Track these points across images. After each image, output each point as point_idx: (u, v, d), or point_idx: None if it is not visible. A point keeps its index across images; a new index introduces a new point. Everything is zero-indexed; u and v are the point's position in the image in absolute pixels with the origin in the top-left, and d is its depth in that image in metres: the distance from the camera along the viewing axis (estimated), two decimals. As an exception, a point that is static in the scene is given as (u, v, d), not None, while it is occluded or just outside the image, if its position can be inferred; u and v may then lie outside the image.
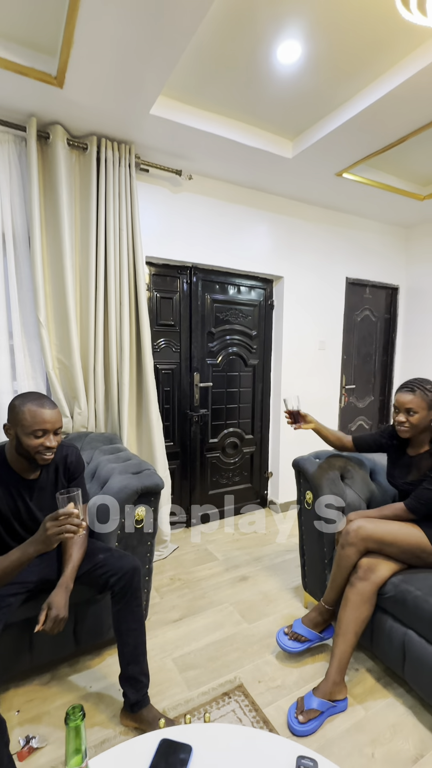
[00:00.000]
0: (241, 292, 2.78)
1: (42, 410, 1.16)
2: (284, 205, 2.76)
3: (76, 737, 0.57)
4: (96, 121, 1.87)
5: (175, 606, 1.88)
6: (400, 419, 1.51)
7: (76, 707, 0.58)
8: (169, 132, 1.94)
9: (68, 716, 0.57)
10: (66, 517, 1.00)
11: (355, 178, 2.42)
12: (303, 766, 0.79)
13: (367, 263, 3.23)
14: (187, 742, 0.82)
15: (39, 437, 1.15)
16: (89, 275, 1.99)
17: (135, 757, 0.80)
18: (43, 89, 1.63)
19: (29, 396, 1.19)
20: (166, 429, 2.52)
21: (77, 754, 0.58)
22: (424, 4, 1.02)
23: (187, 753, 0.80)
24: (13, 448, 1.20)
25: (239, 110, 1.93)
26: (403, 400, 1.49)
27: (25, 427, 1.14)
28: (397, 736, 1.26)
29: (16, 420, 1.15)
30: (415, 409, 1.47)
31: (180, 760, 0.78)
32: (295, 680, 1.46)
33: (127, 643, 1.24)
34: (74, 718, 0.57)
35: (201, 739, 0.83)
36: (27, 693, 1.37)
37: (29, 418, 1.14)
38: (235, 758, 0.80)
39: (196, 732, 0.85)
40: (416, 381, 1.51)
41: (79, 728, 0.57)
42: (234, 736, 0.85)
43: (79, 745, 0.58)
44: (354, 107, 1.80)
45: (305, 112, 1.93)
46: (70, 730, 0.57)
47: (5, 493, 1.21)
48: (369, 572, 1.40)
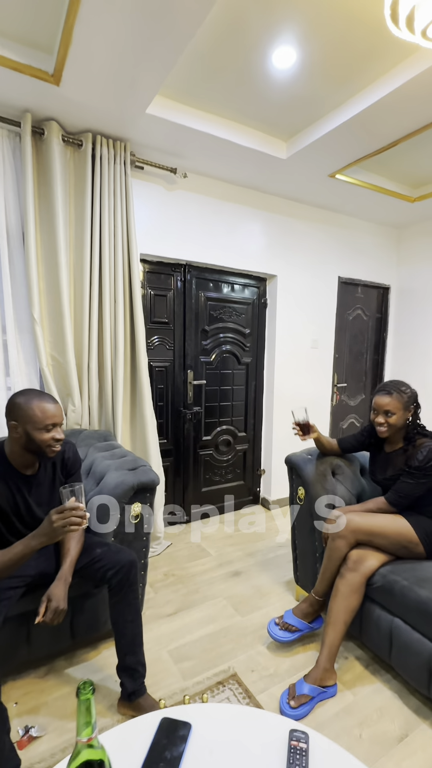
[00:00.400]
0: (235, 291, 2.81)
1: (49, 405, 1.21)
2: (278, 204, 2.80)
3: (87, 710, 0.60)
4: (92, 119, 1.87)
5: (169, 601, 1.91)
6: (379, 420, 1.58)
7: (86, 682, 0.61)
8: (165, 131, 1.96)
9: (79, 690, 0.60)
10: (71, 510, 1.03)
11: (348, 180, 2.47)
12: (295, 738, 0.83)
13: (360, 263, 3.29)
14: (187, 720, 0.86)
15: (50, 431, 1.20)
16: (84, 272, 2.00)
17: (138, 734, 0.84)
18: (40, 86, 1.63)
19: (30, 393, 1.23)
20: (159, 426, 2.54)
21: (88, 726, 0.61)
22: (411, 22, 1.07)
23: (187, 730, 0.84)
24: (18, 445, 1.22)
25: (235, 111, 1.95)
26: (381, 403, 1.55)
27: (37, 423, 1.18)
28: (383, 718, 1.31)
29: (25, 417, 1.18)
30: (392, 410, 1.53)
31: (180, 737, 0.82)
32: (286, 669, 1.51)
33: (124, 635, 1.27)
34: (85, 692, 0.60)
35: (200, 717, 0.87)
36: (24, 685, 1.39)
37: (40, 414, 1.18)
38: (232, 733, 0.84)
39: (195, 711, 0.89)
40: (392, 384, 1.58)
41: (89, 702, 0.60)
42: (231, 714, 0.90)
43: (89, 718, 0.61)
44: (346, 112, 1.84)
45: (299, 114, 1.96)
46: (81, 704, 0.60)
47: (5, 488, 1.23)
48: (358, 563, 1.45)
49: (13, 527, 1.28)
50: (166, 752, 0.77)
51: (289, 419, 3.00)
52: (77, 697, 0.59)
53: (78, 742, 0.60)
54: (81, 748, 0.60)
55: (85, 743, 0.60)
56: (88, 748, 0.61)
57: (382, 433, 1.59)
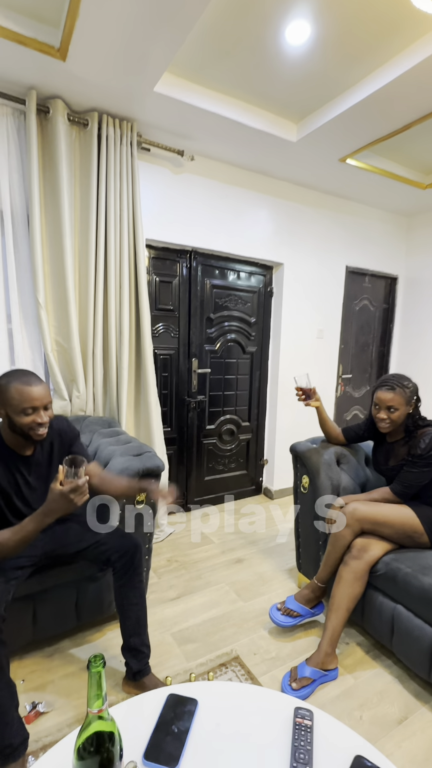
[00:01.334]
0: (241, 278, 2.78)
1: (29, 387, 1.14)
2: (286, 189, 2.75)
3: (98, 683, 0.61)
4: (98, 97, 1.83)
5: (172, 586, 1.93)
6: (381, 416, 1.57)
7: (97, 656, 0.62)
8: (173, 110, 1.91)
9: (90, 663, 0.61)
10: (84, 486, 1.05)
11: (359, 165, 2.41)
12: (300, 715, 0.84)
13: (368, 252, 3.24)
14: (193, 696, 0.87)
15: (29, 414, 1.14)
16: (89, 256, 1.97)
17: (145, 709, 0.85)
18: (45, 61, 1.59)
19: (14, 374, 1.16)
20: (163, 414, 2.54)
21: (98, 698, 0.62)
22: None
23: (193, 706, 0.85)
24: (7, 427, 1.20)
25: (245, 91, 1.90)
26: (384, 398, 1.54)
27: (14, 407, 1.13)
28: (383, 701, 1.33)
29: (4, 400, 1.13)
30: (396, 406, 1.52)
31: (187, 712, 0.83)
32: (288, 653, 1.53)
33: (129, 617, 1.28)
34: (96, 665, 0.61)
35: (206, 694, 0.88)
36: (30, 664, 1.42)
37: (17, 397, 1.12)
38: (238, 710, 0.86)
39: (201, 688, 0.91)
40: (394, 378, 1.56)
41: (100, 674, 0.61)
42: (236, 691, 0.91)
43: (100, 691, 0.62)
44: (361, 92, 1.79)
45: (311, 94, 1.91)
46: (93, 676, 0.60)
47: (5, 469, 1.23)
48: (362, 551, 1.46)
49: (14, 507, 1.28)
50: (174, 726, 0.78)
51: (292, 408, 3.03)
52: (88, 670, 0.60)
53: (89, 713, 0.61)
54: (92, 719, 0.61)
55: (96, 714, 0.61)
56: (99, 720, 0.62)
57: (384, 429, 1.58)
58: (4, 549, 1.07)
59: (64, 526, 1.37)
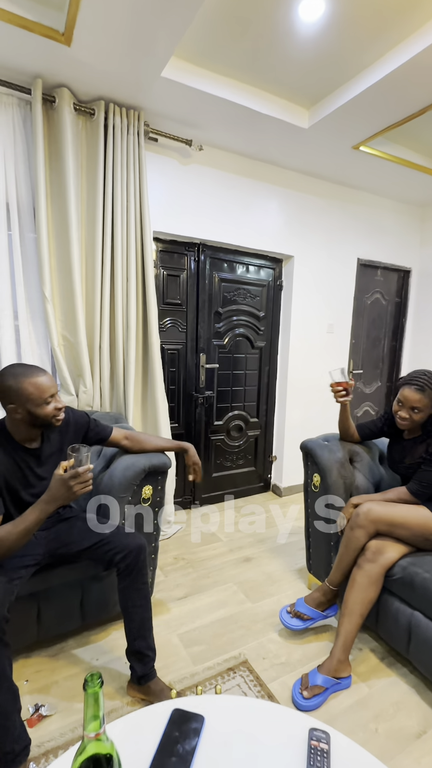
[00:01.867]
0: (250, 272, 2.71)
1: (41, 378, 1.16)
2: (296, 180, 2.67)
3: (95, 703, 0.56)
4: (104, 84, 1.78)
5: (179, 584, 1.89)
6: (403, 415, 1.50)
7: (94, 674, 0.57)
8: (181, 97, 1.85)
9: (87, 683, 0.56)
10: (85, 473, 1.06)
11: (373, 152, 2.32)
12: (316, 738, 0.78)
13: (380, 244, 3.14)
14: (199, 712, 0.82)
15: (50, 403, 1.18)
16: (95, 249, 1.93)
17: (148, 725, 0.80)
18: (50, 47, 1.54)
19: (17, 371, 1.15)
20: (171, 410, 2.50)
21: (95, 719, 0.57)
22: None
23: (199, 723, 0.80)
24: (24, 423, 1.18)
25: (255, 75, 1.82)
26: (410, 398, 1.46)
27: (36, 400, 1.14)
28: (400, 713, 1.27)
29: (22, 398, 1.13)
30: (421, 408, 1.45)
31: (193, 730, 0.78)
32: (299, 658, 1.47)
33: (133, 619, 1.24)
34: (93, 685, 0.56)
35: (213, 709, 0.83)
36: (35, 664, 1.39)
37: (35, 391, 1.14)
38: (248, 729, 0.80)
39: (208, 703, 0.85)
40: (425, 378, 1.47)
41: (97, 695, 0.56)
42: (246, 707, 0.85)
43: (97, 711, 0.57)
44: (376, 73, 1.71)
45: (324, 77, 1.83)
46: (89, 697, 0.56)
47: (11, 463, 1.20)
48: (377, 554, 1.39)
49: (22, 502, 1.25)
50: (178, 746, 0.73)
51: (302, 404, 2.96)
52: (84, 690, 0.55)
53: (85, 737, 0.56)
54: (87, 742, 0.57)
55: (92, 738, 0.56)
56: (96, 742, 0.57)
57: (402, 426, 1.53)
58: (7, 543, 1.05)
59: (67, 524, 1.34)
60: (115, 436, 1.50)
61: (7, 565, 1.12)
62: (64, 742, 1.11)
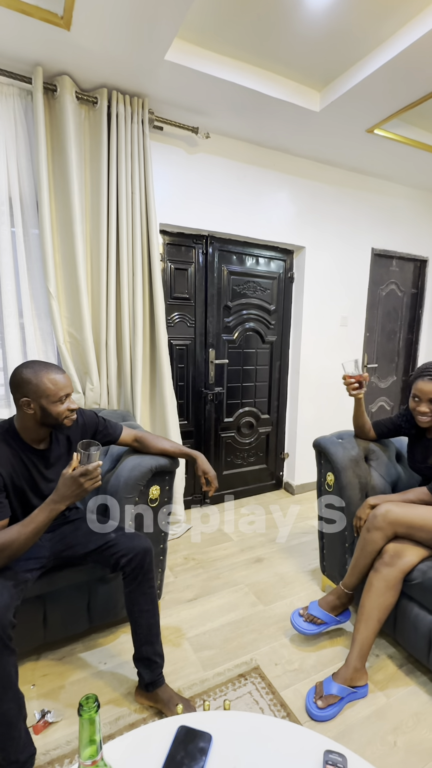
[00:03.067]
0: (260, 264, 2.63)
1: (59, 376, 1.17)
2: (308, 167, 2.57)
3: (90, 727, 0.52)
4: (106, 70, 1.72)
5: (189, 585, 1.85)
6: (422, 410, 1.42)
7: (89, 697, 0.53)
8: (186, 82, 1.77)
9: (81, 707, 0.51)
10: (95, 470, 1.05)
11: (388, 135, 2.21)
12: (331, 762, 0.73)
13: (395, 233, 3.02)
14: (207, 729, 0.77)
15: (64, 402, 1.17)
16: (100, 243, 1.88)
17: (151, 743, 0.76)
18: (49, 32, 1.48)
19: (37, 365, 1.16)
20: (179, 407, 2.45)
21: (92, 744, 0.52)
22: None
23: (207, 742, 0.75)
24: (33, 420, 1.17)
25: (264, 55, 1.74)
26: (426, 390, 1.39)
27: (51, 396, 1.14)
28: (420, 725, 1.21)
29: (38, 392, 1.13)
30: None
31: (200, 749, 0.73)
32: (312, 664, 1.42)
33: (140, 624, 1.20)
34: (88, 710, 0.51)
35: (221, 727, 0.78)
36: (42, 668, 1.37)
37: (53, 387, 1.14)
38: (258, 750, 0.75)
39: (216, 720, 0.80)
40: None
41: (93, 720, 0.51)
42: (256, 725, 0.80)
43: (94, 735, 0.52)
44: (391, 49, 1.61)
45: (336, 57, 1.73)
46: (84, 722, 0.51)
47: (20, 464, 1.18)
48: (396, 558, 1.32)
49: (28, 504, 1.22)
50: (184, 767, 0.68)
51: (315, 401, 2.88)
52: (79, 715, 0.50)
53: (81, 765, 0.52)
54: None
55: (89, 767, 0.52)
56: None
57: (424, 423, 1.44)
58: (16, 544, 1.03)
59: (72, 526, 1.30)
60: (125, 437, 1.47)
61: (13, 569, 1.09)
62: (70, 750, 1.08)
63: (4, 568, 1.07)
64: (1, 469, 1.12)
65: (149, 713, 1.22)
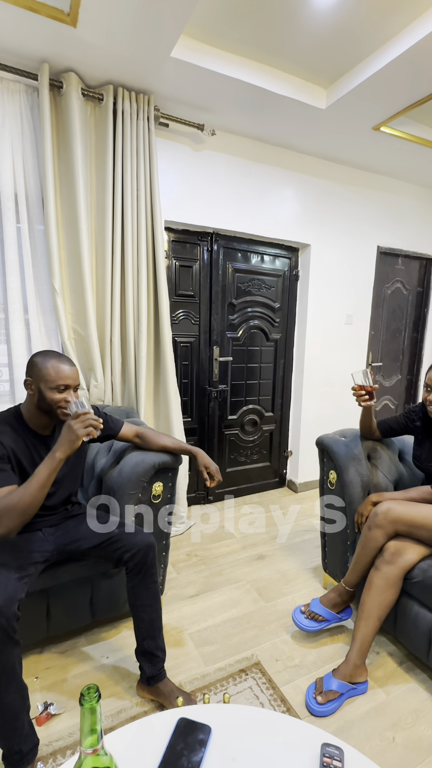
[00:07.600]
0: (265, 262, 2.63)
1: (65, 366, 1.19)
2: (314, 165, 2.56)
3: (92, 717, 0.53)
4: (112, 67, 1.72)
5: (191, 582, 1.87)
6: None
7: (91, 687, 0.53)
8: (192, 79, 1.77)
9: (83, 697, 0.52)
10: (85, 415, 1.08)
11: (395, 133, 2.20)
12: (328, 755, 0.74)
13: (401, 231, 3.00)
14: (206, 722, 0.79)
15: (62, 392, 1.18)
16: (105, 240, 1.89)
17: (152, 734, 0.77)
18: (55, 28, 1.49)
19: (50, 353, 1.21)
20: (183, 404, 2.46)
21: (93, 734, 0.53)
22: None
23: (206, 734, 0.76)
24: (33, 404, 1.20)
25: (270, 53, 1.73)
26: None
27: (49, 382, 1.16)
28: (419, 722, 1.21)
29: (39, 375, 1.17)
30: None
31: (199, 741, 0.74)
32: (313, 660, 1.43)
33: (142, 619, 1.22)
34: (89, 699, 0.52)
35: (221, 719, 0.79)
36: (45, 661, 1.39)
37: (53, 374, 1.16)
38: (256, 742, 0.76)
39: (216, 713, 0.81)
40: None
41: (94, 709, 0.52)
42: (256, 718, 0.81)
43: (95, 725, 0.53)
44: (398, 46, 1.59)
45: (342, 54, 1.72)
46: (85, 711, 0.52)
47: (24, 447, 1.21)
48: (396, 556, 1.32)
49: None
50: (183, 759, 0.69)
51: (319, 399, 2.88)
52: (81, 705, 0.51)
53: (82, 753, 0.53)
54: (84, 758, 0.53)
55: (90, 755, 0.53)
56: (94, 757, 0.54)
57: None
58: (23, 503, 1.04)
59: (76, 521, 1.32)
60: (125, 432, 1.48)
61: (17, 562, 1.11)
62: (72, 741, 1.10)
63: (8, 561, 1.08)
64: (6, 442, 1.15)
65: (150, 707, 1.23)
